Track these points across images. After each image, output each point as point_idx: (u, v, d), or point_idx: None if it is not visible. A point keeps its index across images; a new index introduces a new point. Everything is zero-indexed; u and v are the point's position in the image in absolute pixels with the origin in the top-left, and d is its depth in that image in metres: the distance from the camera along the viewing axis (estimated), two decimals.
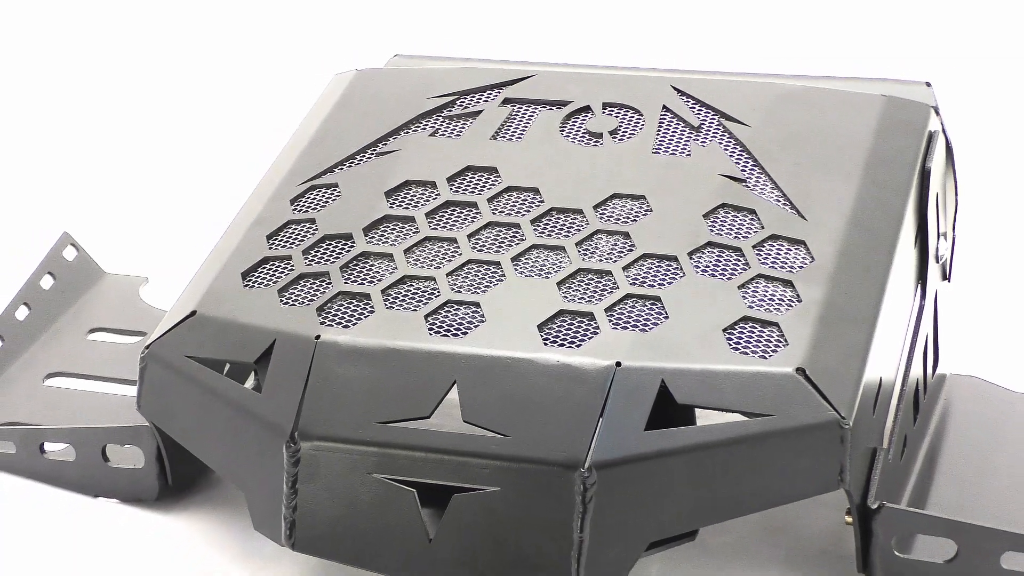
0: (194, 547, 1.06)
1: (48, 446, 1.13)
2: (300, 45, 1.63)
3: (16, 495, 1.12)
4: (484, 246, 1.03)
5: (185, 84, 1.68)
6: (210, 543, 1.06)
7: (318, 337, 0.99)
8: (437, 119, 1.14)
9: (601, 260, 1.01)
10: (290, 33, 1.64)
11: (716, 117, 1.10)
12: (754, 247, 1.01)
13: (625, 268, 1.00)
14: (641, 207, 1.04)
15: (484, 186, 1.07)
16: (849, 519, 0.97)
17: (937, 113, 1.12)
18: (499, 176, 1.08)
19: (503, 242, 1.03)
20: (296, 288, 1.03)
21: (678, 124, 1.10)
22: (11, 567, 1.04)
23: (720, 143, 1.08)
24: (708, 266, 1.00)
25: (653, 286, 0.99)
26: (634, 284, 0.99)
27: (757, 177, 1.06)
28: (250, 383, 1.02)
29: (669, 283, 0.99)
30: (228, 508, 1.09)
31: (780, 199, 1.04)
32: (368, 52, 1.28)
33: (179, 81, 1.69)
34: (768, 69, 1.19)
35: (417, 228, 1.05)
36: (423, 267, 1.02)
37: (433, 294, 1.00)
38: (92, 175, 1.67)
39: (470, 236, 1.04)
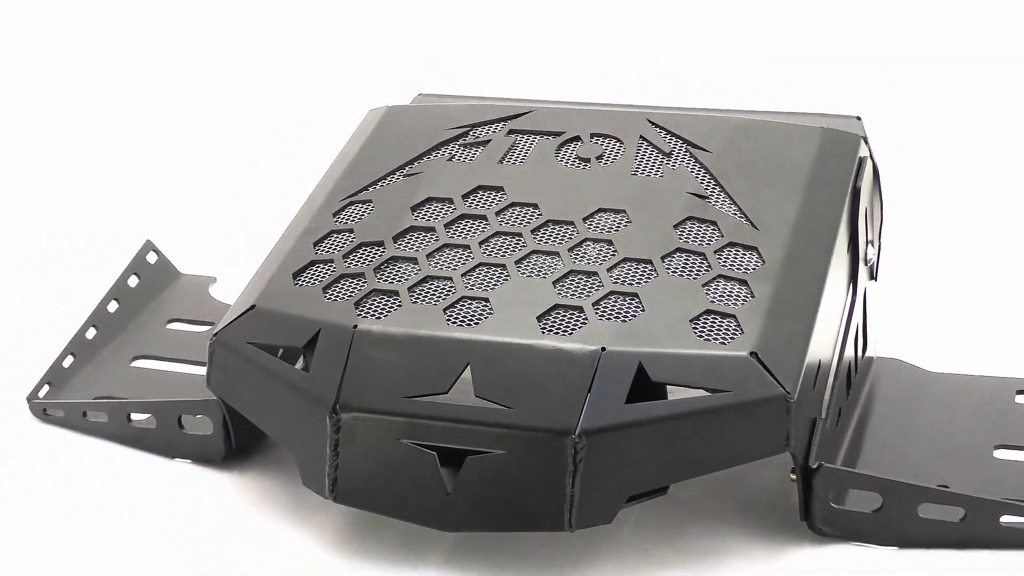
0: (254, 499, 1.06)
1: (134, 416, 1.13)
2: (341, 86, 1.63)
3: (107, 456, 1.12)
4: (492, 252, 1.03)
5: (248, 120, 1.69)
6: (267, 496, 1.06)
7: (355, 327, 0.99)
8: (454, 147, 1.13)
9: (589, 263, 1.01)
10: (334, 77, 1.64)
11: (684, 145, 1.10)
12: (715, 252, 1.01)
13: (609, 270, 1.00)
14: (622, 219, 1.04)
15: (492, 202, 1.07)
16: (793, 476, 0.97)
17: (866, 142, 1.12)
18: (505, 194, 1.07)
19: (508, 248, 1.03)
20: (337, 286, 1.03)
21: (652, 151, 1.10)
22: (102, 516, 1.04)
23: (687, 166, 1.08)
24: (677, 268, 1.00)
25: (632, 285, 0.99)
26: (616, 283, 0.99)
27: (717, 195, 1.05)
28: (299, 365, 1.02)
29: (645, 282, 0.99)
30: (281, 468, 1.09)
31: (736, 213, 1.04)
32: (397, 91, 1.28)
33: (243, 118, 1.69)
34: (726, 105, 1.19)
35: (437, 237, 1.05)
36: (442, 269, 1.02)
37: (450, 291, 1.00)
38: (171, 193, 1.67)
39: (481, 243, 1.04)
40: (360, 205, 1.10)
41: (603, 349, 0.94)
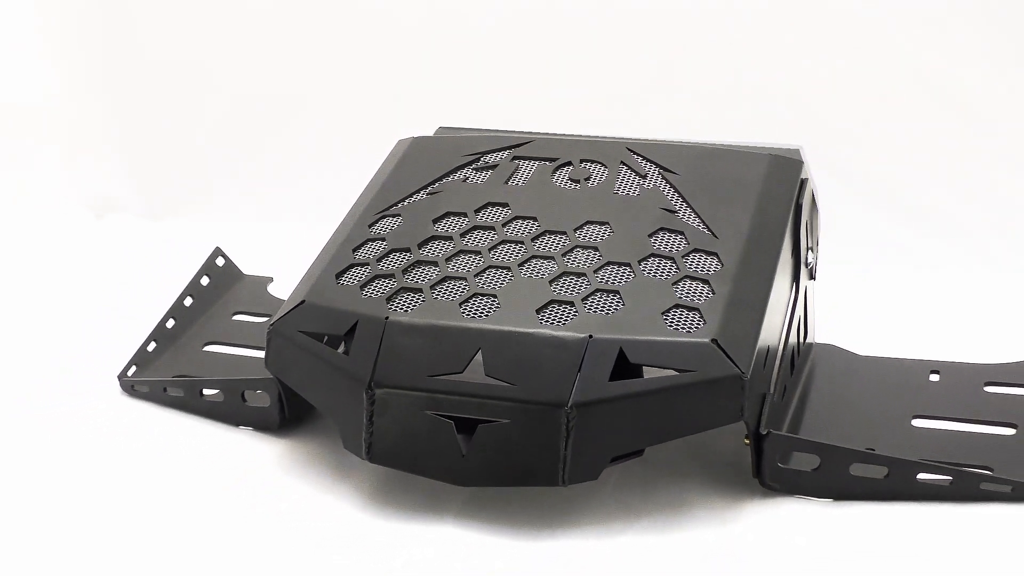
0: (304, 460, 1.06)
1: (205, 391, 1.13)
2: (375, 121, 1.63)
3: (183, 425, 1.12)
4: (499, 256, 1.03)
5: (296, 150, 1.69)
6: (314, 457, 1.06)
7: (387, 318, 0.98)
8: (468, 170, 1.13)
9: (579, 266, 1.00)
10: (370, 113, 1.65)
11: (656, 169, 1.09)
12: (682, 257, 1.00)
13: (595, 271, 1.00)
14: (606, 230, 1.03)
15: (499, 216, 1.07)
16: (747, 441, 0.97)
17: (805, 167, 1.11)
18: (509, 209, 1.07)
19: (512, 254, 1.03)
20: (372, 285, 1.02)
21: (631, 173, 1.09)
22: (179, 473, 1.04)
23: (659, 186, 1.08)
24: (651, 270, 0.99)
25: (614, 284, 0.98)
26: (601, 282, 0.99)
27: (685, 209, 1.05)
28: (341, 349, 1.01)
29: (625, 282, 0.99)
30: (326, 434, 1.09)
31: (700, 224, 1.03)
32: (421, 124, 1.27)
33: (292, 148, 1.69)
34: (692, 136, 1.18)
35: (454, 244, 1.04)
36: (458, 271, 1.02)
37: (465, 289, 1.00)
38: (235, 211, 1.67)
39: (490, 249, 1.03)
40: (391, 218, 1.09)
41: (590, 337, 0.94)
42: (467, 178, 1.12)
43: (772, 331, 1.00)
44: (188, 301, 1.28)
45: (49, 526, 0.97)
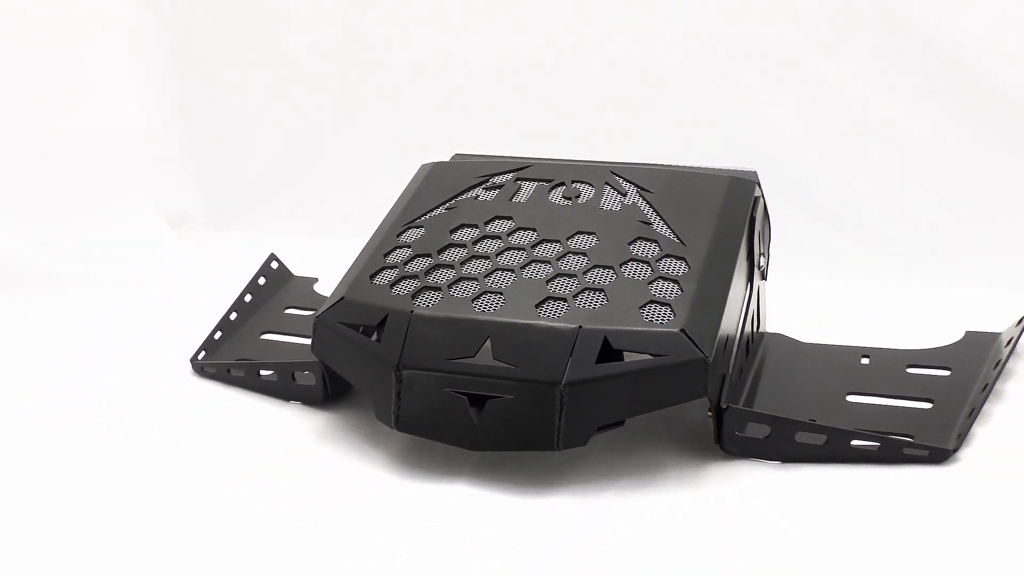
0: (344, 428, 1.06)
1: (262, 372, 1.13)
2: (402, 150, 1.63)
3: (245, 400, 1.12)
4: (504, 260, 1.03)
5: (335, 175, 1.70)
6: (351, 426, 1.06)
7: (412, 312, 0.98)
8: (478, 189, 1.13)
9: (570, 268, 1.00)
10: (397, 144, 1.66)
11: (635, 188, 1.09)
12: (656, 261, 1.00)
13: (584, 273, 1.00)
14: (593, 239, 1.03)
15: (505, 227, 1.07)
16: (710, 414, 0.97)
17: (759, 186, 1.11)
18: (513, 221, 1.07)
19: (515, 258, 1.03)
20: (400, 284, 1.02)
21: (614, 192, 1.09)
22: (241, 439, 1.04)
23: (637, 203, 1.08)
24: (631, 272, 0.99)
25: (600, 283, 0.98)
26: (589, 282, 0.99)
27: (658, 222, 1.05)
28: (374, 338, 1.02)
29: (609, 282, 0.99)
30: (361, 408, 1.09)
31: (671, 234, 1.03)
32: (440, 152, 1.28)
33: (332, 174, 1.70)
34: (666, 161, 1.18)
35: (467, 250, 1.04)
36: (471, 272, 1.02)
37: (476, 288, 1.00)
38: (286, 223, 1.67)
39: (497, 254, 1.03)
40: (415, 229, 1.09)
41: (580, 327, 0.94)
42: (478, 196, 1.12)
43: (731, 322, 1.00)
44: (248, 297, 1.28)
45: (123, 484, 0.97)
